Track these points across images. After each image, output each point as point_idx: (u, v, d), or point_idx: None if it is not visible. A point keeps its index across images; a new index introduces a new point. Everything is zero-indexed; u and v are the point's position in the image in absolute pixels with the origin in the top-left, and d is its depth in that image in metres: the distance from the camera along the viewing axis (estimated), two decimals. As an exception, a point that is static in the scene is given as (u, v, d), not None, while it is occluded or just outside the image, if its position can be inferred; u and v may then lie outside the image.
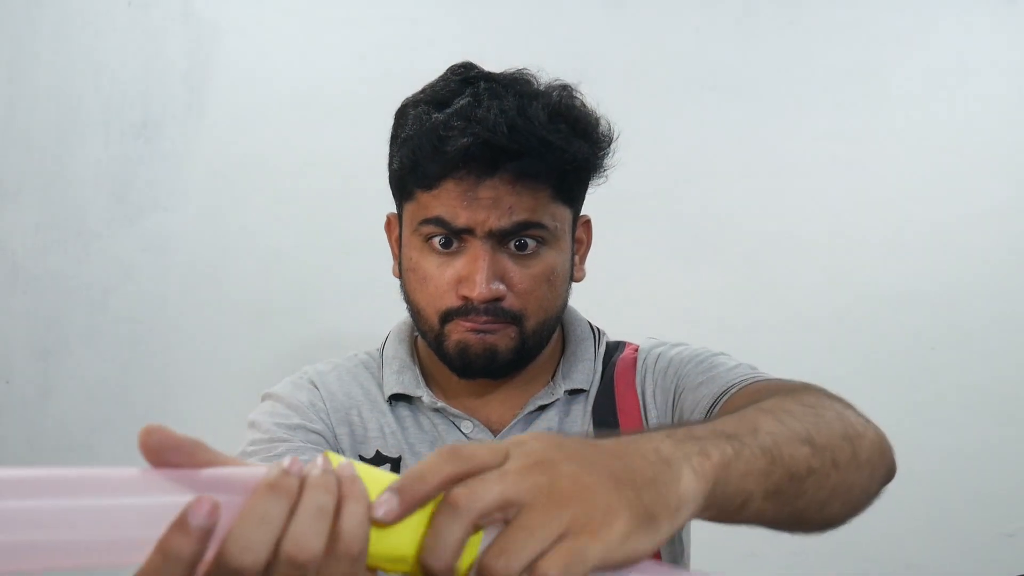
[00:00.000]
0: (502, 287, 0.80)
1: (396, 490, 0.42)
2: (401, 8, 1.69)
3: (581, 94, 0.85)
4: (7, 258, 1.60)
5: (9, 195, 1.61)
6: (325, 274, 1.64)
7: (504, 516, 0.41)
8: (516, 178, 0.78)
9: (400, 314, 0.95)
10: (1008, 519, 1.71)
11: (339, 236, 1.63)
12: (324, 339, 1.62)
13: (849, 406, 0.67)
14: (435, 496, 0.42)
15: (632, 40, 1.73)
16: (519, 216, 0.79)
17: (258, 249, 1.64)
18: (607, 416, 0.87)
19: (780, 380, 0.76)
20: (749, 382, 0.77)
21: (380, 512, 0.41)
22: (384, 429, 0.87)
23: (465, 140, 0.76)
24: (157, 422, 0.41)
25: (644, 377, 0.89)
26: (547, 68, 0.86)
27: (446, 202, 0.79)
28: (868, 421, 0.66)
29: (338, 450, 0.85)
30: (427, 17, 1.69)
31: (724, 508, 0.51)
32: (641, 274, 1.69)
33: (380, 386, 0.90)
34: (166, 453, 0.40)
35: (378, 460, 0.86)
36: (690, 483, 0.47)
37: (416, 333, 0.92)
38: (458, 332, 0.81)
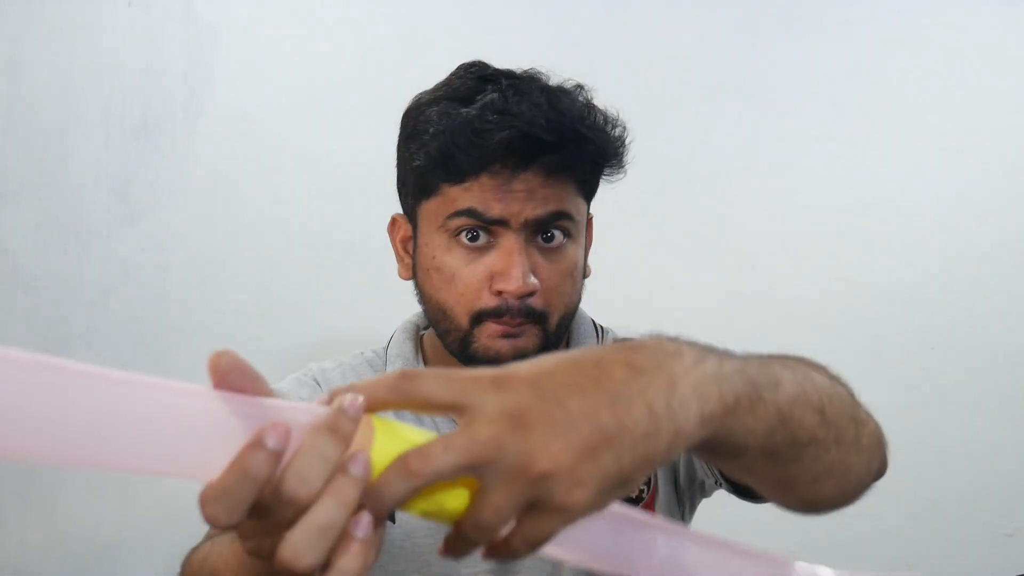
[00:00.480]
0: (536, 281, 0.80)
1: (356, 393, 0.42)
2: (401, 8, 1.69)
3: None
4: (7, 258, 1.60)
5: (9, 195, 1.61)
6: (325, 274, 1.64)
7: (472, 475, 0.41)
8: (550, 171, 0.79)
9: (400, 313, 0.95)
10: (1008, 519, 1.71)
11: (339, 236, 1.63)
12: (324, 339, 1.62)
13: (854, 395, 0.67)
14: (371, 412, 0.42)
15: (632, 40, 1.73)
16: (552, 206, 0.79)
17: (258, 249, 1.64)
18: None
19: None
20: None
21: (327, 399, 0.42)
22: (385, 427, 0.87)
23: (504, 133, 0.76)
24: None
25: None
26: (547, 68, 0.87)
27: (478, 195, 0.79)
28: (869, 413, 0.66)
29: None
30: (427, 17, 1.69)
31: (715, 453, 0.50)
32: (640, 274, 1.69)
33: (383, 383, 0.90)
34: (233, 375, 0.40)
35: None
36: (692, 432, 0.44)
37: (423, 332, 0.92)
38: (487, 336, 0.81)
